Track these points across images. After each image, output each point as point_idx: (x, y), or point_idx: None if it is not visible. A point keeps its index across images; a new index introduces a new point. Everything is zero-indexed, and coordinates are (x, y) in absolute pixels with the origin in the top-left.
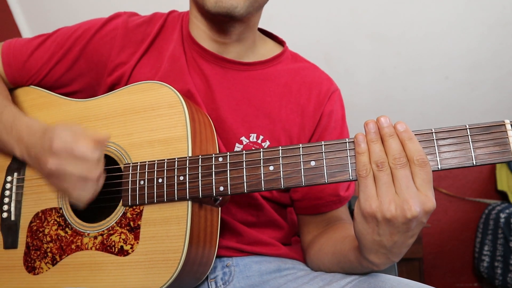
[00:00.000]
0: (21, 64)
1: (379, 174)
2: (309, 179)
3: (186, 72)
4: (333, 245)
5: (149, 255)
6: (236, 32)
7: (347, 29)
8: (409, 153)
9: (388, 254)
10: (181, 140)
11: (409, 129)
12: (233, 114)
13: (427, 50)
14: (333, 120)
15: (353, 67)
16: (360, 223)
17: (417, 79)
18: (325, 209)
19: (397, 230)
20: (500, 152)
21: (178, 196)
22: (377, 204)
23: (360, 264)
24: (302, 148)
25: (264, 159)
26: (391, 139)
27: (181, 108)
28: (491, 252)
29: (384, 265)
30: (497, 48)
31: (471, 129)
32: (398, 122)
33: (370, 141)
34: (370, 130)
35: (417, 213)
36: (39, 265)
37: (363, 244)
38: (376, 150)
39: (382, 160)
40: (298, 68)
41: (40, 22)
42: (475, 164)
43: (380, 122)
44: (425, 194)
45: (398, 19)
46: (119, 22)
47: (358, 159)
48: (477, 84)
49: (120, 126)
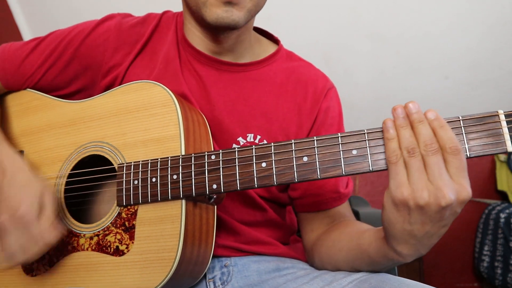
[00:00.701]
0: (15, 68)
1: (410, 160)
2: (302, 175)
3: (180, 74)
4: (349, 240)
5: (144, 254)
6: (232, 37)
7: (347, 29)
8: (441, 141)
9: (418, 245)
10: (174, 139)
11: (440, 116)
12: (229, 115)
13: (427, 50)
14: (329, 116)
15: (353, 67)
16: (390, 212)
17: (417, 79)
18: (326, 206)
19: (429, 219)
20: (494, 143)
21: (172, 195)
22: (409, 191)
23: (384, 257)
24: (295, 143)
25: (257, 155)
26: (421, 125)
27: (174, 107)
28: (491, 252)
29: (411, 257)
30: (497, 48)
31: (464, 120)
32: (429, 110)
33: (399, 126)
34: (399, 115)
35: (451, 201)
36: (37, 267)
37: (392, 233)
38: (406, 136)
39: (413, 146)
40: (293, 66)
41: (40, 22)
42: (469, 156)
43: (409, 108)
44: (460, 183)
45: (398, 19)
46: (112, 23)
47: (387, 145)
48: (477, 84)
49: (114, 126)
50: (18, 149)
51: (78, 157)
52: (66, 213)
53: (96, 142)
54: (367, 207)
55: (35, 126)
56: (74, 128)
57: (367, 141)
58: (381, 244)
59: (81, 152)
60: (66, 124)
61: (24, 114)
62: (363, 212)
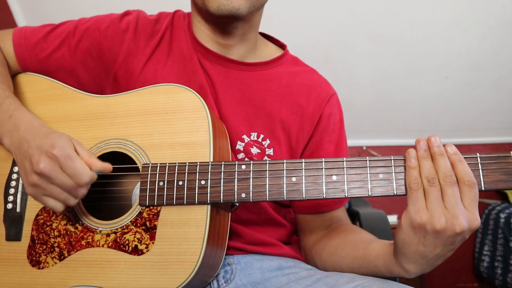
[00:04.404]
0: (33, 45)
1: (430, 189)
2: (330, 192)
3: (200, 73)
4: (354, 249)
5: (165, 255)
6: (239, 33)
7: (347, 29)
8: (459, 174)
9: (425, 264)
10: (203, 145)
11: (458, 151)
12: (235, 113)
13: (427, 50)
14: (331, 123)
15: (353, 67)
16: (406, 233)
17: (417, 79)
18: (327, 209)
19: (442, 242)
20: (506, 181)
21: (199, 200)
22: (428, 217)
23: (388, 271)
24: (325, 162)
25: (287, 170)
26: (442, 158)
27: (205, 114)
28: (491, 252)
29: (415, 275)
30: (497, 48)
31: (482, 157)
32: (448, 144)
33: (421, 157)
34: (421, 148)
35: (465, 228)
36: (45, 260)
37: (405, 253)
38: (427, 167)
39: (433, 176)
40: (298, 71)
41: (40, 22)
42: (483, 189)
43: (431, 142)
44: (472, 213)
45: (398, 19)
46: (131, 17)
47: (409, 172)
48: (477, 84)
49: (139, 125)
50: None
51: (98, 152)
52: (82, 207)
53: (119, 139)
54: (367, 207)
55: (51, 116)
56: (96, 123)
57: (393, 167)
58: (389, 259)
59: (102, 147)
60: (87, 118)
61: (40, 102)
62: (363, 212)
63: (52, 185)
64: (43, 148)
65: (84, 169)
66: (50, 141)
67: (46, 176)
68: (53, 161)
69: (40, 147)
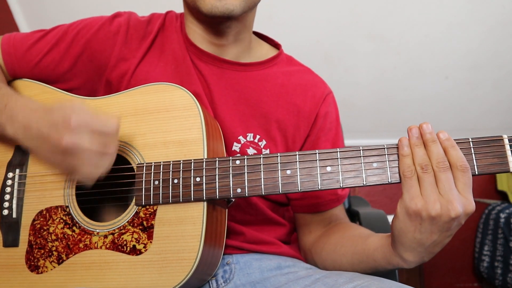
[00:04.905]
0: (22, 54)
1: (423, 175)
2: (325, 184)
3: (193, 74)
4: (353, 245)
5: (163, 254)
6: (232, 33)
7: (347, 29)
8: (452, 159)
9: (423, 252)
10: (196, 143)
11: (450, 137)
12: (231, 113)
13: (427, 50)
14: (328, 121)
15: (353, 67)
16: (402, 221)
17: (417, 79)
18: (325, 208)
19: (438, 228)
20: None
21: (195, 197)
22: (423, 203)
23: (388, 262)
24: (319, 154)
25: (282, 163)
26: (434, 144)
27: (197, 111)
28: (491, 252)
29: (415, 264)
30: (497, 49)
31: (474, 141)
32: (440, 131)
33: (413, 145)
34: (413, 135)
35: (460, 213)
36: (43, 264)
37: (402, 242)
38: (420, 154)
39: (427, 163)
40: (293, 70)
41: (40, 22)
42: (477, 173)
43: (423, 129)
44: (466, 197)
45: (398, 20)
46: (122, 20)
47: (402, 161)
48: (477, 84)
49: (132, 125)
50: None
51: None
52: (78, 210)
53: None
54: (367, 207)
55: None
56: None
57: (386, 155)
58: (387, 251)
59: None
60: None
61: None
62: (363, 212)
63: (80, 155)
64: (56, 124)
65: (106, 121)
66: (60, 114)
67: (70, 149)
68: (74, 132)
69: (53, 124)
